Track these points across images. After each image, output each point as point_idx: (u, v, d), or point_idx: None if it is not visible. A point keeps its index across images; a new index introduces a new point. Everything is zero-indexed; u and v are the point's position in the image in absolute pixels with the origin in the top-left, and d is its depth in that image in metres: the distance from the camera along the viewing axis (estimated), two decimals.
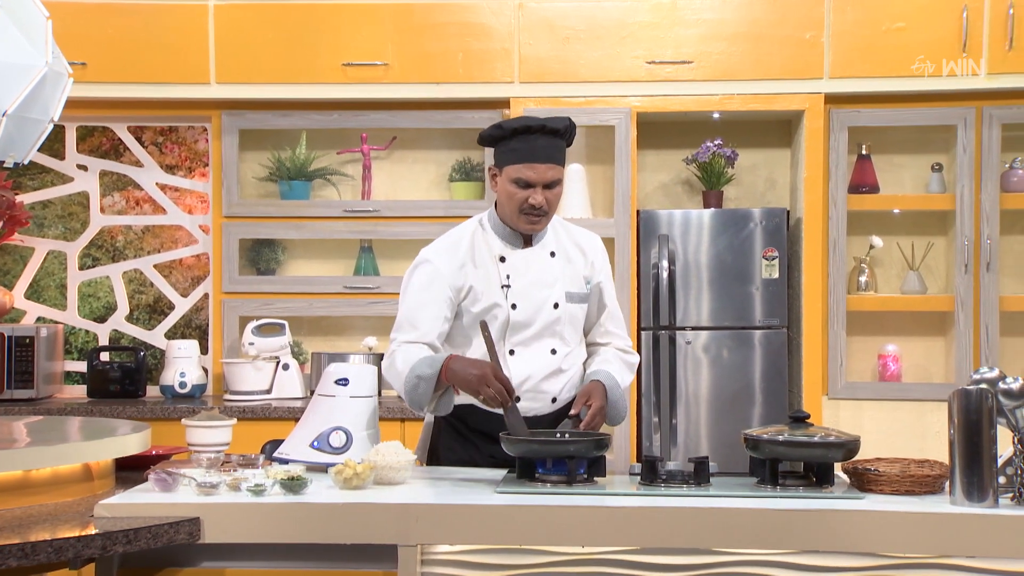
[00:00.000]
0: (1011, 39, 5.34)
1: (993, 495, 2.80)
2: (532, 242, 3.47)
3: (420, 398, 3.26)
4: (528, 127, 3.33)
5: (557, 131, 3.35)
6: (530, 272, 3.43)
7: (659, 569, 2.86)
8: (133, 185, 6.00)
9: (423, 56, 5.54)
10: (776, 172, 5.93)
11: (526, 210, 3.36)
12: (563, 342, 3.45)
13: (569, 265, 3.49)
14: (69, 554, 2.63)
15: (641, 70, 5.50)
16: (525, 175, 3.33)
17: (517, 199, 3.35)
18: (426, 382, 3.23)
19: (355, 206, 5.74)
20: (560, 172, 3.37)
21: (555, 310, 3.43)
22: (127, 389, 5.67)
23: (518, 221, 3.39)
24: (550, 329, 3.42)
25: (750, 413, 5.50)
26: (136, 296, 6.00)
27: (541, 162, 3.33)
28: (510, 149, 3.36)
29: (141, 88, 5.61)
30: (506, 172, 3.36)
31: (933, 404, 5.51)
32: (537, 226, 3.40)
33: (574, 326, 3.48)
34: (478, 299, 3.38)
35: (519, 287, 3.40)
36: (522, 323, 3.39)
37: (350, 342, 5.87)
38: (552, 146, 3.35)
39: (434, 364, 3.23)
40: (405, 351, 3.31)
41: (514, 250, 3.45)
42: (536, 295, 3.41)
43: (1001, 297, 5.52)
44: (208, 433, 3.28)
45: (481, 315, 3.37)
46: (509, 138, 3.36)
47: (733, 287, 5.52)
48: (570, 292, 3.46)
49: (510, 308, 3.38)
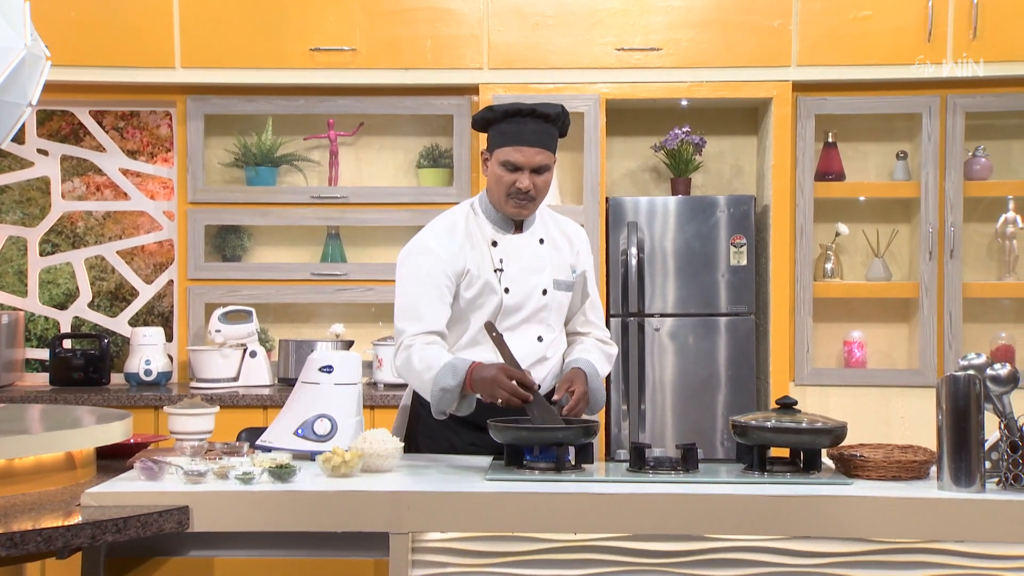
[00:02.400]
0: (975, 28, 5.39)
1: (980, 480, 2.83)
2: (522, 228, 3.46)
3: (445, 406, 3.23)
4: (519, 110, 3.33)
5: (548, 116, 3.34)
6: (522, 258, 3.42)
7: (650, 555, 2.87)
8: (94, 170, 5.92)
9: (391, 42, 5.51)
10: (743, 159, 5.95)
11: (513, 194, 3.34)
12: (549, 329, 3.45)
13: (557, 253, 3.48)
14: (58, 543, 2.59)
15: (610, 57, 5.50)
16: (513, 158, 3.31)
17: (505, 182, 3.34)
18: (451, 393, 3.20)
19: (322, 192, 5.70)
20: (550, 158, 3.36)
21: (543, 296, 3.42)
22: (91, 377, 5.59)
23: (506, 205, 3.37)
24: (537, 316, 3.42)
25: (718, 400, 5.53)
26: (97, 283, 5.92)
27: (530, 146, 3.31)
28: (500, 132, 3.35)
29: (104, 72, 5.53)
30: (495, 155, 3.35)
31: (897, 390, 5.57)
32: (524, 211, 3.38)
33: (559, 314, 3.48)
34: (473, 282, 3.37)
35: (511, 272, 3.39)
36: (512, 308, 3.38)
37: (317, 329, 5.83)
38: (543, 131, 3.33)
39: (457, 374, 3.19)
40: (420, 351, 3.27)
41: (505, 235, 3.44)
42: (527, 281, 3.41)
43: (964, 284, 5.58)
44: (191, 421, 3.25)
45: (475, 299, 3.36)
46: (500, 120, 3.35)
47: (701, 274, 5.54)
48: (557, 280, 3.45)
49: (503, 292, 3.36)
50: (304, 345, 5.45)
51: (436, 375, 3.21)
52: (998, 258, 5.75)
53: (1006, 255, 5.67)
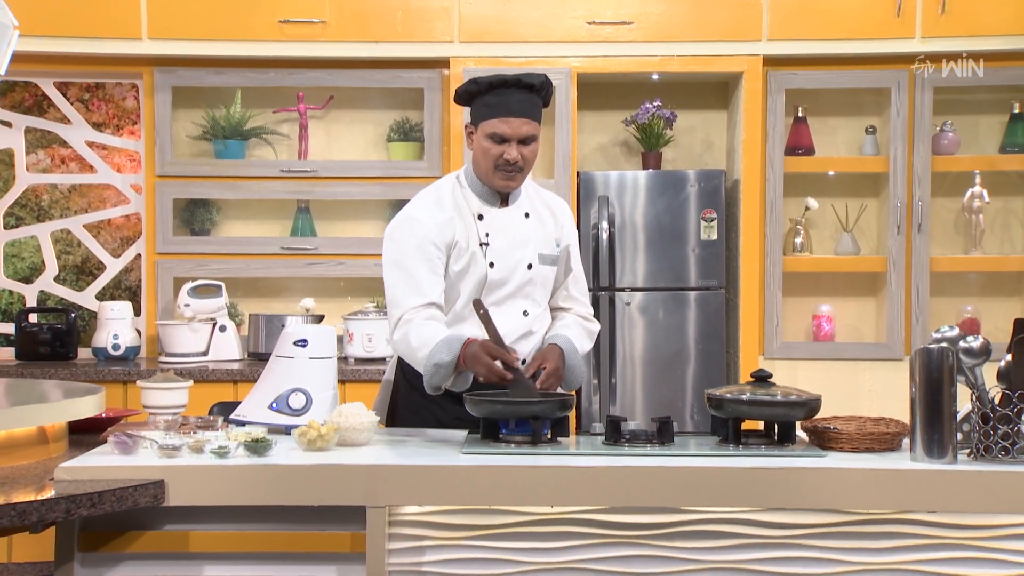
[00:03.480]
0: (943, 4, 5.41)
1: (952, 452, 2.86)
2: (508, 202, 3.45)
3: (439, 381, 3.23)
4: (504, 81, 3.31)
5: (532, 86, 3.33)
6: (507, 232, 3.41)
7: (626, 528, 2.88)
8: (59, 142, 5.85)
9: (361, 14, 5.47)
10: (713, 134, 5.96)
11: (501, 165, 3.33)
12: (535, 303, 3.44)
13: (542, 227, 3.48)
14: (33, 517, 2.57)
15: (582, 30, 5.49)
16: (500, 129, 3.30)
17: (492, 154, 3.32)
18: (445, 368, 3.20)
19: (292, 166, 5.67)
20: (536, 128, 3.35)
21: (528, 271, 3.41)
22: (57, 351, 5.55)
23: (493, 177, 3.36)
24: (523, 290, 3.41)
25: (688, 373, 5.55)
26: (63, 256, 5.87)
27: (516, 116, 3.30)
28: (485, 104, 3.33)
29: (69, 43, 5.47)
30: (481, 128, 3.34)
31: (866, 363, 5.62)
32: (513, 182, 3.37)
33: (544, 288, 3.47)
34: (460, 255, 3.35)
35: (497, 246, 3.38)
36: (497, 282, 3.37)
37: (287, 303, 5.80)
38: (527, 101, 3.32)
39: (452, 350, 3.18)
40: (419, 327, 3.25)
41: (491, 209, 3.42)
42: (512, 255, 3.39)
43: (932, 258, 5.62)
44: (165, 395, 3.23)
45: (461, 272, 3.35)
46: (484, 93, 3.33)
47: (671, 248, 5.55)
48: (543, 254, 3.44)
49: (488, 266, 3.36)
50: (274, 319, 5.43)
51: (431, 351, 3.20)
52: (964, 232, 5.79)
53: (972, 229, 5.71)
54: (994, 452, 2.86)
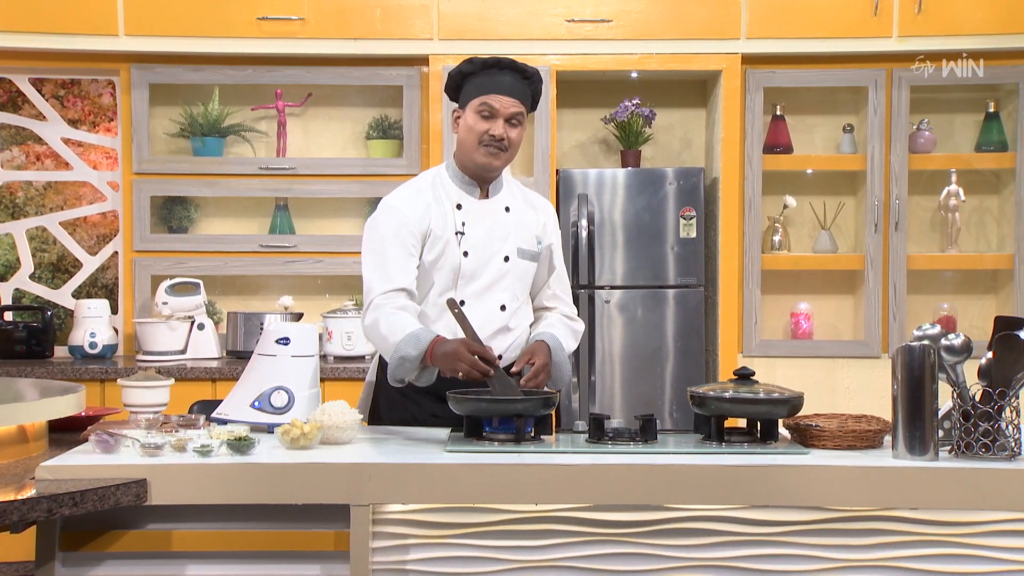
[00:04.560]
0: (920, 3, 5.44)
1: (934, 449, 2.87)
2: (489, 194, 3.45)
3: (404, 375, 3.22)
4: (498, 62, 3.36)
5: (525, 72, 3.37)
6: (484, 223, 3.41)
7: (611, 525, 2.88)
8: (34, 139, 5.82)
9: (340, 11, 5.46)
10: (691, 132, 5.97)
11: (486, 141, 3.33)
12: (513, 298, 3.43)
13: (522, 222, 3.48)
14: (14, 517, 2.55)
15: (561, 28, 5.49)
16: (489, 102, 3.32)
17: (478, 130, 3.33)
18: (411, 362, 3.19)
19: (270, 163, 5.65)
20: (523, 112, 3.37)
21: (505, 263, 3.41)
22: (34, 350, 5.51)
23: (476, 154, 3.35)
24: (500, 284, 3.41)
25: (667, 371, 5.56)
26: (38, 254, 5.83)
27: (507, 95, 3.33)
28: (476, 84, 3.35)
29: (45, 39, 5.43)
30: (470, 106, 3.35)
31: (843, 361, 5.64)
32: (496, 160, 3.36)
33: (523, 283, 3.47)
34: (435, 244, 3.35)
35: (473, 236, 3.38)
36: (471, 273, 3.37)
37: (265, 301, 5.78)
38: (518, 84, 3.35)
39: (419, 345, 3.18)
40: (388, 317, 3.25)
41: (471, 199, 3.43)
42: (488, 246, 3.40)
43: (909, 256, 5.65)
44: (146, 393, 3.21)
45: (435, 261, 3.34)
46: (477, 73, 3.36)
47: (650, 246, 5.56)
48: (521, 248, 3.44)
49: (462, 255, 3.36)
50: (253, 317, 5.41)
51: (399, 342, 3.20)
52: (941, 230, 5.82)
53: (948, 227, 5.74)
54: (975, 449, 2.88)
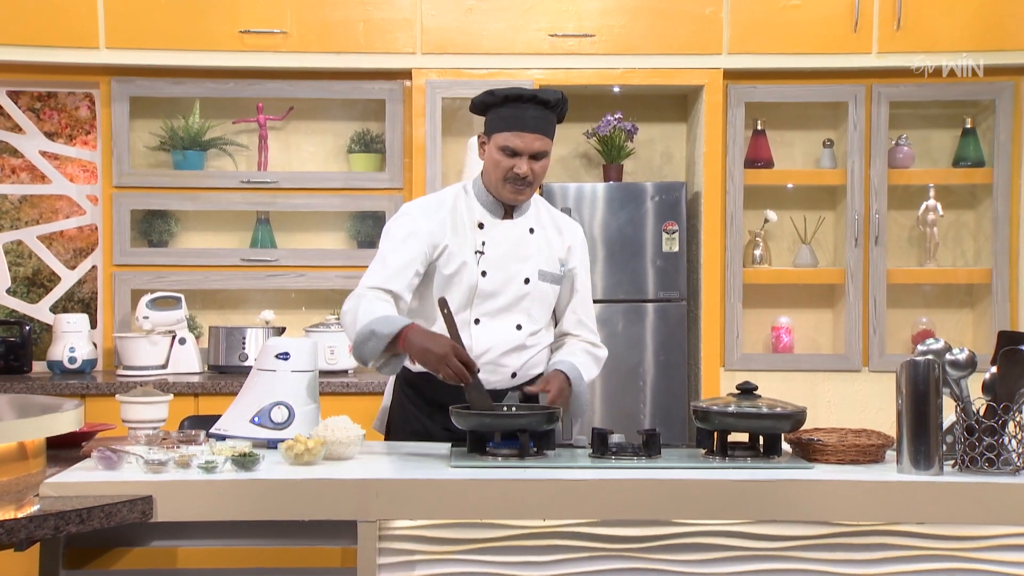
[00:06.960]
0: (899, 19, 5.49)
1: (939, 463, 2.89)
2: (513, 215, 3.45)
3: (368, 354, 3.17)
4: (520, 95, 3.32)
5: (548, 102, 3.34)
6: (506, 243, 3.40)
7: (617, 541, 2.88)
8: (10, 152, 5.76)
9: (323, 25, 5.44)
10: (672, 146, 6.00)
11: (511, 179, 3.33)
12: (530, 319, 3.42)
13: (546, 244, 3.47)
14: (21, 535, 2.51)
15: (544, 43, 5.50)
16: (512, 143, 3.31)
17: (503, 167, 3.33)
18: (378, 340, 3.15)
19: (252, 177, 5.61)
20: (548, 144, 3.35)
21: (525, 285, 3.40)
22: (11, 365, 5.44)
23: (502, 190, 3.36)
24: (519, 305, 3.40)
25: (648, 384, 5.57)
26: (14, 268, 5.77)
27: (529, 131, 3.31)
28: (500, 117, 3.33)
29: (24, 51, 5.38)
30: (494, 140, 3.34)
31: (823, 374, 5.68)
32: (521, 196, 3.38)
33: (544, 305, 3.45)
34: (451, 260, 3.35)
35: (492, 256, 3.37)
36: (490, 293, 3.36)
37: (247, 316, 5.74)
38: (542, 117, 3.33)
39: (392, 325, 3.15)
40: (369, 302, 3.23)
41: (494, 219, 3.42)
42: (508, 267, 3.39)
43: (888, 270, 5.69)
44: (145, 409, 3.18)
45: (451, 277, 3.34)
46: (500, 105, 3.34)
47: (632, 260, 5.57)
48: (543, 271, 3.43)
49: (479, 275, 3.35)
50: (234, 332, 5.37)
51: (372, 320, 3.16)
52: (919, 245, 5.87)
53: (927, 242, 5.79)
54: (979, 463, 2.90)
